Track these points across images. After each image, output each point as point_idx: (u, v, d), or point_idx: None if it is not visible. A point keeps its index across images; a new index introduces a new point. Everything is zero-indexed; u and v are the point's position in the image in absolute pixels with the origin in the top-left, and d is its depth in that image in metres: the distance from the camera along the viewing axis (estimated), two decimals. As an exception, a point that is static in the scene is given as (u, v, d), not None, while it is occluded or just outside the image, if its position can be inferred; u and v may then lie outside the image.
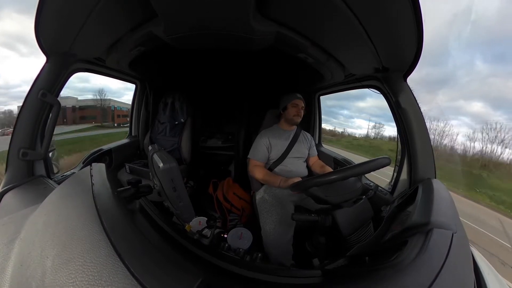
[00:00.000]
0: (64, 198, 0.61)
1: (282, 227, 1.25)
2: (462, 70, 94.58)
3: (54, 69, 0.99)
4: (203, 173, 2.42)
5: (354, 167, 0.93)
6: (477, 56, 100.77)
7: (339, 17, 0.79)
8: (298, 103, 1.53)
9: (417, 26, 0.74)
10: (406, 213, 0.83)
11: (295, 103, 1.53)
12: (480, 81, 74.82)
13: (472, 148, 18.72)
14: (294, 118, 1.54)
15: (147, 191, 0.79)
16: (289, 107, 1.54)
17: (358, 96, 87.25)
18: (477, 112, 55.20)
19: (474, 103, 59.87)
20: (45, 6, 0.75)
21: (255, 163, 1.50)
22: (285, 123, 1.60)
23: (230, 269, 0.55)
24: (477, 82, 77.05)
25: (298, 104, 1.53)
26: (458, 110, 51.13)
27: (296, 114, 1.53)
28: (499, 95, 57.44)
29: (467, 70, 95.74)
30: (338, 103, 71.32)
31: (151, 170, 0.83)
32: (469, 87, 76.69)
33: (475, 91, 62.50)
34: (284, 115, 1.58)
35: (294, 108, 1.53)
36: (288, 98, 1.56)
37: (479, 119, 39.29)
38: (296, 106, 1.53)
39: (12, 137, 0.94)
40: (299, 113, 1.54)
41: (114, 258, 0.37)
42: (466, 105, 58.35)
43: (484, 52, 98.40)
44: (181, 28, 1.03)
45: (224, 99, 2.53)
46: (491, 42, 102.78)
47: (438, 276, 0.44)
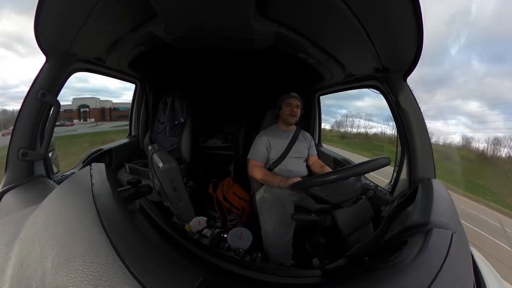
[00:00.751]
0: (64, 198, 0.61)
1: (282, 227, 1.25)
2: (459, 70, 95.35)
3: (53, 69, 0.99)
4: (203, 173, 2.42)
5: (354, 167, 0.93)
6: (474, 56, 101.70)
7: (339, 17, 0.79)
8: (292, 102, 1.51)
9: (417, 26, 0.74)
10: (406, 213, 0.83)
11: (289, 102, 1.51)
12: (477, 81, 75.52)
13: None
14: (288, 117, 1.52)
15: (147, 191, 0.79)
16: (283, 107, 1.54)
17: (356, 96, 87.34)
18: (474, 111, 55.68)
19: (471, 102, 60.35)
20: (45, 6, 0.75)
21: (254, 163, 1.50)
22: (282, 123, 1.60)
23: (230, 269, 0.55)
24: (474, 81, 77.76)
25: (292, 103, 1.51)
26: (455, 109, 51.71)
27: (290, 114, 1.51)
28: (495, 95, 57.89)
29: (464, 70, 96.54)
30: (336, 102, 71.28)
31: (151, 170, 0.83)
32: (466, 86, 77.39)
33: (472, 91, 63.13)
34: (280, 115, 1.57)
35: (288, 107, 1.52)
36: (283, 97, 1.55)
37: (476, 119, 39.59)
38: (289, 105, 1.51)
39: (11, 137, 0.94)
40: (292, 112, 1.51)
41: (114, 258, 0.37)
42: (463, 104, 58.81)
43: (480, 53, 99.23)
44: (181, 28, 1.02)
45: (224, 99, 2.53)
46: (488, 42, 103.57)
47: (437, 276, 0.44)
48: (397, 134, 1.21)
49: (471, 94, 62.86)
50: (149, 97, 2.18)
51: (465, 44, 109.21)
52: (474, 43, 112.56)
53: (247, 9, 0.84)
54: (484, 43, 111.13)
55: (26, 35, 45.33)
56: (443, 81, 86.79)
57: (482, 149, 19.03)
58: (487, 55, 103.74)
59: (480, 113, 52.96)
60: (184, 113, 2.08)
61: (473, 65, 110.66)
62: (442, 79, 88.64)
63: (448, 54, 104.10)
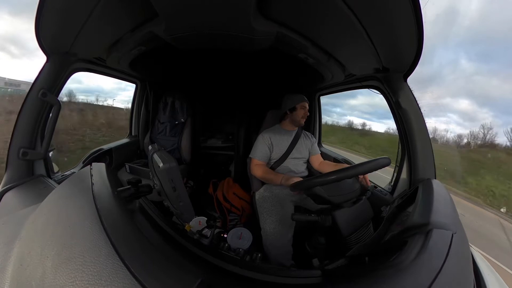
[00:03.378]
0: (64, 197, 0.61)
1: (282, 227, 1.25)
2: (447, 69, 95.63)
3: (54, 68, 0.99)
4: (203, 173, 2.42)
5: (354, 167, 0.93)
6: (462, 55, 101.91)
7: (340, 18, 0.79)
8: (306, 105, 1.56)
9: (417, 26, 0.74)
10: (406, 214, 0.83)
11: (304, 105, 1.55)
12: (465, 79, 75.73)
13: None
14: (301, 120, 1.56)
15: (147, 190, 0.79)
16: (298, 108, 1.54)
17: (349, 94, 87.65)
18: (464, 109, 55.96)
19: (461, 100, 60.50)
20: (46, 6, 0.75)
21: (256, 162, 1.50)
22: (290, 124, 1.59)
23: (230, 269, 0.55)
24: (462, 80, 77.98)
25: (306, 106, 1.56)
26: (446, 107, 52.05)
27: (303, 116, 1.55)
28: (483, 93, 58.13)
29: (452, 68, 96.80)
30: (330, 100, 71.33)
31: (151, 169, 0.83)
32: (455, 84, 77.59)
33: (461, 89, 63.26)
34: (291, 116, 1.56)
35: (302, 110, 1.54)
36: (297, 99, 1.55)
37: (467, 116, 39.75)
38: (304, 108, 1.55)
39: (12, 137, 0.94)
40: (306, 115, 1.56)
41: (114, 258, 0.37)
42: (453, 102, 58.93)
43: (467, 51, 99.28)
44: (181, 28, 1.02)
45: (224, 99, 2.53)
46: (474, 41, 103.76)
47: (437, 276, 0.44)
48: (398, 134, 1.21)
49: (460, 92, 63.13)
50: (149, 97, 2.19)
51: (452, 43, 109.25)
52: (461, 42, 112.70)
53: (248, 9, 0.84)
54: (471, 42, 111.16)
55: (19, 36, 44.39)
56: (433, 80, 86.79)
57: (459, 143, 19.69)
58: (474, 54, 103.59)
59: (471, 111, 53.31)
60: (184, 113, 2.08)
61: (461, 64, 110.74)
62: (431, 78, 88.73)
63: (436, 53, 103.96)
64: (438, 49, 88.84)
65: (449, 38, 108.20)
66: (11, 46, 34.61)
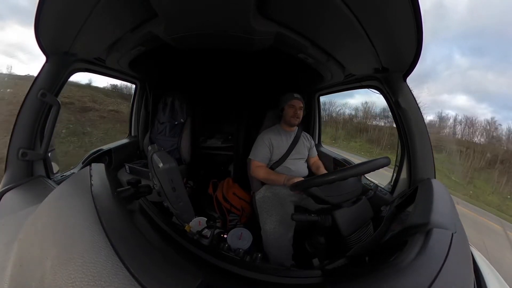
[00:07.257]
0: (63, 198, 0.61)
1: (282, 227, 1.25)
2: (442, 64, 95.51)
3: (53, 69, 0.99)
4: (203, 173, 2.42)
5: (354, 167, 0.93)
6: (455, 50, 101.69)
7: (339, 18, 0.79)
8: (295, 103, 1.49)
9: (417, 26, 0.74)
10: (406, 213, 0.83)
11: (292, 104, 1.49)
12: (460, 75, 75.61)
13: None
14: (291, 119, 1.50)
15: (146, 191, 0.79)
16: (286, 108, 1.51)
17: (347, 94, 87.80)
18: (462, 105, 55.82)
19: (458, 96, 60.34)
20: (45, 6, 0.75)
21: (257, 164, 1.49)
22: (284, 124, 1.59)
23: (230, 269, 0.55)
24: (458, 75, 77.81)
25: (295, 105, 1.49)
26: (443, 104, 52.01)
27: (293, 116, 1.49)
28: (480, 88, 58.05)
29: (447, 64, 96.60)
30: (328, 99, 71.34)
31: (151, 170, 0.83)
32: (451, 80, 77.42)
33: (457, 85, 63.12)
34: (283, 116, 1.55)
35: (291, 109, 1.49)
36: (285, 98, 1.52)
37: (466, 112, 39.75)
38: (292, 107, 1.49)
39: (11, 137, 0.94)
40: (296, 114, 1.49)
41: (114, 258, 0.37)
42: (450, 98, 58.76)
43: (460, 46, 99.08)
44: (181, 28, 1.02)
45: (224, 99, 2.53)
46: (465, 35, 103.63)
47: (438, 276, 0.44)
48: (397, 134, 1.21)
49: (457, 88, 62.89)
50: (149, 97, 2.18)
51: (445, 38, 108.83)
52: (453, 37, 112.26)
53: (247, 9, 0.84)
54: (463, 36, 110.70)
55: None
56: (428, 76, 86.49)
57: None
58: (467, 48, 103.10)
59: (469, 107, 53.37)
60: (184, 113, 2.08)
61: (455, 59, 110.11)
62: (426, 74, 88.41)
63: (430, 48, 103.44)
64: (430, 45, 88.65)
65: (440, 33, 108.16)
66: (19, 53, 35.15)
